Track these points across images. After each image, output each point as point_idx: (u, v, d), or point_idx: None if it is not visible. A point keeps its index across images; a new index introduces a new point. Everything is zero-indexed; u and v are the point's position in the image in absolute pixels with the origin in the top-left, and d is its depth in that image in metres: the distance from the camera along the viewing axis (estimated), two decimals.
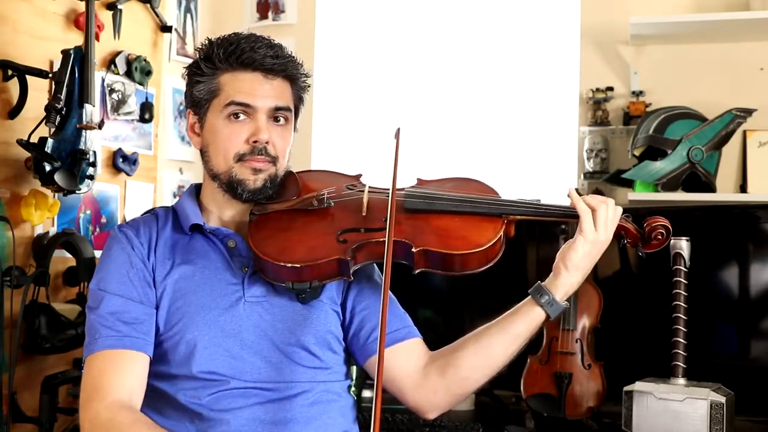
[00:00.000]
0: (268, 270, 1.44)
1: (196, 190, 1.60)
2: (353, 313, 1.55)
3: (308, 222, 1.49)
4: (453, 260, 1.43)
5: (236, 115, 1.48)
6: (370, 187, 1.55)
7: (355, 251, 1.43)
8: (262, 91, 1.48)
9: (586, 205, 1.44)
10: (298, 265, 1.41)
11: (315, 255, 1.42)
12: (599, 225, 1.43)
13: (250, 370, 1.42)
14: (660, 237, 1.48)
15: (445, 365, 1.50)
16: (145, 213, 1.62)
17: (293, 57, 1.53)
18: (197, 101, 1.52)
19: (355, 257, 1.44)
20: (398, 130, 1.51)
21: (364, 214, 1.48)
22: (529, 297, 1.47)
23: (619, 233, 1.48)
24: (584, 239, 1.43)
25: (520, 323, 1.46)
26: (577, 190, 2.66)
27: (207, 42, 1.53)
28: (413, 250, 1.41)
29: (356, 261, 1.45)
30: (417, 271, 1.43)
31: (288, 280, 1.43)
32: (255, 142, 1.47)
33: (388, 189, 1.43)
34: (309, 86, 1.59)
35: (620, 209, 1.46)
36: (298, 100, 1.57)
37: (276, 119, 1.50)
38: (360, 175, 1.63)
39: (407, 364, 1.52)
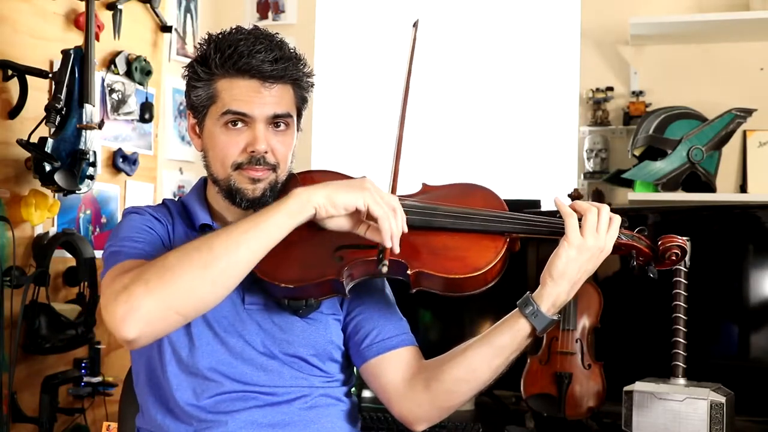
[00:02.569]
0: (265, 285, 1.41)
1: (204, 186, 1.57)
2: (349, 318, 1.53)
3: (305, 236, 1.40)
4: (451, 283, 1.38)
5: (234, 123, 1.42)
6: None
7: (350, 269, 1.38)
8: (260, 98, 1.41)
9: (571, 209, 1.38)
10: (291, 286, 1.38)
11: (309, 275, 1.38)
12: (586, 230, 1.35)
13: (249, 373, 1.41)
14: (674, 257, 1.42)
15: (430, 378, 1.45)
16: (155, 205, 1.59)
17: (295, 58, 1.45)
18: (195, 106, 1.47)
19: (351, 275, 1.39)
20: (417, 21, 1.42)
21: None
22: (516, 308, 1.40)
23: (630, 252, 1.42)
24: (568, 244, 1.35)
25: (505, 335, 1.40)
26: (576, 190, 2.69)
27: (206, 39, 1.46)
28: (408, 272, 1.36)
29: (352, 278, 1.40)
30: (414, 290, 1.39)
31: (284, 298, 1.41)
32: (253, 152, 1.42)
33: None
34: (313, 85, 1.52)
35: (618, 218, 1.38)
36: (301, 101, 1.50)
37: (276, 125, 1.45)
38: (364, 177, 1.55)
39: (394, 374, 1.48)
